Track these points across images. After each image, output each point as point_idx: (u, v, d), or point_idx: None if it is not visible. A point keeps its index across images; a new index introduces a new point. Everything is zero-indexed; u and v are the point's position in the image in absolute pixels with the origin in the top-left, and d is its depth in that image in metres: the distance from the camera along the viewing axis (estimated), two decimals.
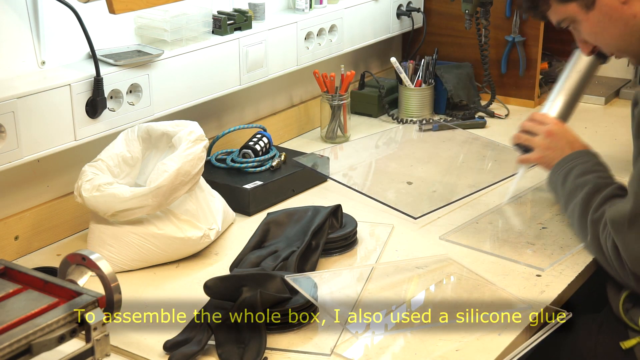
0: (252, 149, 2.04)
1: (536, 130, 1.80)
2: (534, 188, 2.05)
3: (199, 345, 1.37)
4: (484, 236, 1.82)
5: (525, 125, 1.83)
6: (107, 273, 1.27)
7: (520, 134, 1.83)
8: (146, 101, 1.88)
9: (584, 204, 1.62)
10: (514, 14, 2.64)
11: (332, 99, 2.35)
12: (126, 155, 1.77)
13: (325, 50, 2.40)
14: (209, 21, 2.05)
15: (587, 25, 1.63)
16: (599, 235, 1.57)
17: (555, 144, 1.77)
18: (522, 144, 1.83)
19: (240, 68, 2.12)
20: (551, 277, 1.64)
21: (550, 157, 1.76)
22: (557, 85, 1.88)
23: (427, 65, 2.57)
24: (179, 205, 1.70)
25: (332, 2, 2.42)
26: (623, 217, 1.50)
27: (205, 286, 1.45)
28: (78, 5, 1.70)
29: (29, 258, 1.74)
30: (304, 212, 1.78)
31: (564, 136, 1.77)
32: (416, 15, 2.75)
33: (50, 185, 1.81)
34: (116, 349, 1.40)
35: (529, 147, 1.81)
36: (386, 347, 1.42)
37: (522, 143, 1.82)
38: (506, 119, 2.58)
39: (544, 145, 1.78)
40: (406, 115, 2.57)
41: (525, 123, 1.84)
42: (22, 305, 1.22)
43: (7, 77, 1.68)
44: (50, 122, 1.69)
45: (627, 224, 1.49)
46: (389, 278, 1.64)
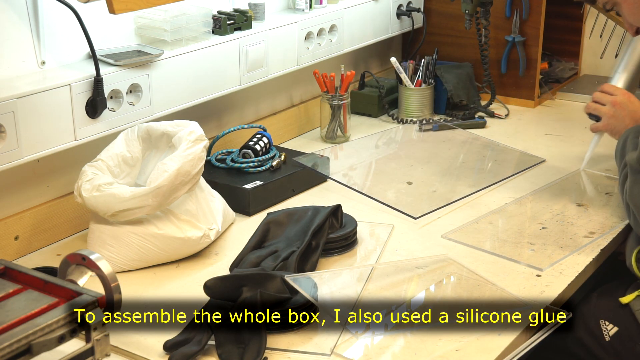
0: (252, 149, 2.04)
1: (604, 100, 1.96)
2: (534, 189, 2.05)
3: (199, 345, 1.37)
4: (484, 236, 1.82)
5: (595, 96, 1.98)
6: (107, 273, 1.27)
7: (590, 103, 1.99)
8: (146, 101, 1.88)
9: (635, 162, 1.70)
10: (514, 14, 2.64)
11: (332, 99, 2.35)
12: (126, 155, 1.77)
13: (325, 50, 2.40)
14: (209, 21, 2.05)
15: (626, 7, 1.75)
16: None
17: (619, 113, 1.92)
18: (592, 113, 1.99)
19: (240, 68, 2.12)
20: (551, 277, 1.64)
21: (614, 125, 1.93)
22: (624, 58, 2.02)
23: (427, 65, 2.57)
24: (179, 205, 1.70)
25: (332, 2, 2.42)
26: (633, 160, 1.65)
27: (205, 286, 1.45)
28: (78, 5, 1.70)
29: (29, 258, 1.74)
30: (304, 212, 1.78)
31: (628, 106, 1.91)
32: (416, 15, 2.75)
33: (50, 185, 1.81)
34: (116, 349, 1.40)
35: (598, 115, 1.97)
36: (386, 347, 1.42)
37: (592, 112, 1.99)
38: (506, 119, 2.58)
39: (609, 113, 1.94)
40: (406, 115, 2.57)
41: (596, 93, 1.99)
42: (22, 305, 1.22)
43: (7, 77, 1.68)
44: (50, 122, 1.69)
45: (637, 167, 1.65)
46: (389, 278, 1.64)
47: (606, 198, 2.00)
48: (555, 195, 2.01)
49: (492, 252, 1.74)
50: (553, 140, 2.39)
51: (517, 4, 2.63)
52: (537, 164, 2.19)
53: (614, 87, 1.97)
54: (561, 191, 2.04)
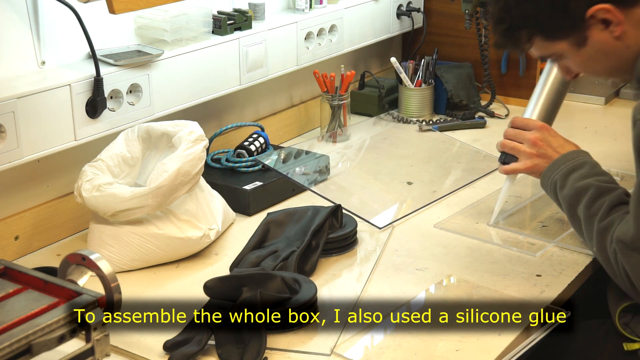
0: (247, 149, 2.04)
1: (520, 138, 1.71)
2: (533, 188, 2.05)
3: (199, 345, 1.36)
4: (484, 235, 1.82)
5: (508, 133, 1.74)
6: (107, 273, 1.27)
7: (505, 141, 1.74)
8: (146, 101, 1.88)
9: (587, 212, 1.56)
10: None
11: (332, 99, 2.35)
12: (126, 155, 1.77)
13: (325, 50, 2.40)
14: (209, 21, 2.05)
15: (577, 60, 1.54)
16: (606, 247, 1.52)
17: (544, 151, 1.68)
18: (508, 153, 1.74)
19: (240, 68, 2.12)
20: (551, 277, 1.64)
21: (539, 165, 1.68)
22: (538, 87, 1.81)
23: (427, 65, 2.57)
24: (179, 205, 1.70)
25: (332, 2, 2.42)
26: (626, 238, 1.46)
27: (205, 286, 1.45)
28: (78, 5, 1.70)
29: (29, 258, 1.74)
30: (304, 212, 1.78)
31: (552, 141, 1.69)
32: (416, 15, 2.75)
33: (50, 185, 1.81)
34: (116, 349, 1.40)
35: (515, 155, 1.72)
36: (386, 347, 1.42)
37: (509, 152, 1.73)
38: (506, 119, 2.57)
39: (530, 153, 1.69)
40: (406, 115, 2.57)
41: (508, 131, 1.74)
42: (22, 305, 1.22)
43: (7, 77, 1.68)
44: (50, 122, 1.69)
45: (632, 246, 1.46)
46: (389, 278, 1.64)
47: None
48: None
49: (492, 250, 1.74)
50: None
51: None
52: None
53: (527, 121, 1.73)
54: None
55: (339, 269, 1.69)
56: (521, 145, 1.71)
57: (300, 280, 1.52)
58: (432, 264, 1.70)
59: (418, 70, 2.58)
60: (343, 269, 1.69)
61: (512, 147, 1.73)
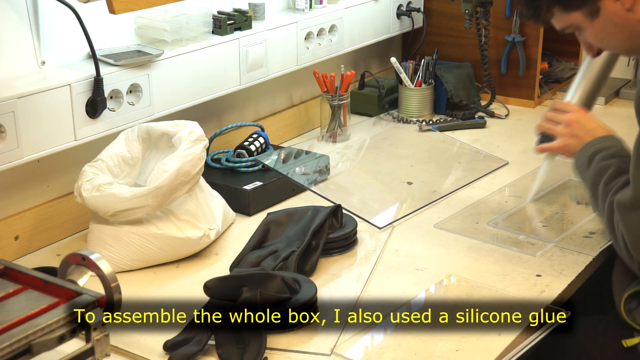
0: (247, 149, 2.04)
1: (558, 119, 1.80)
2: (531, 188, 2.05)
3: (199, 345, 1.37)
4: (484, 235, 1.82)
5: (547, 115, 1.83)
6: (107, 273, 1.27)
7: (542, 123, 1.83)
8: (146, 101, 1.88)
9: (604, 189, 1.61)
10: (514, 14, 2.64)
11: (332, 99, 2.35)
12: (126, 155, 1.77)
13: (325, 50, 2.40)
14: (209, 21, 2.05)
15: (592, 32, 1.59)
16: (613, 218, 1.57)
17: (577, 132, 1.75)
18: (545, 133, 1.82)
19: (240, 68, 2.12)
20: (551, 277, 1.64)
21: (572, 145, 1.75)
22: (579, 73, 1.88)
23: (427, 65, 2.57)
24: (179, 205, 1.70)
25: (332, 2, 2.42)
26: (626, 199, 1.52)
27: (205, 287, 1.45)
28: (78, 5, 1.70)
29: (29, 258, 1.74)
30: (304, 212, 1.78)
31: (585, 124, 1.76)
32: (416, 15, 2.75)
33: (50, 185, 1.81)
34: (116, 349, 1.40)
35: (551, 136, 1.80)
36: (386, 347, 1.42)
37: (545, 132, 1.82)
38: (506, 119, 2.58)
39: (565, 133, 1.77)
40: (406, 115, 2.57)
41: (547, 112, 1.83)
42: (22, 305, 1.22)
43: (7, 77, 1.68)
44: (50, 122, 1.69)
45: (630, 207, 1.51)
46: (389, 279, 1.64)
47: None
48: (555, 193, 2.01)
49: (491, 250, 1.74)
50: None
51: (517, 4, 2.62)
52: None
53: (566, 105, 1.82)
54: (562, 189, 2.04)
55: (339, 269, 1.69)
56: (557, 126, 1.79)
57: (300, 280, 1.52)
58: (432, 264, 1.70)
59: (418, 70, 2.58)
60: (343, 269, 1.69)
61: (548, 128, 1.81)
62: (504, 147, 2.34)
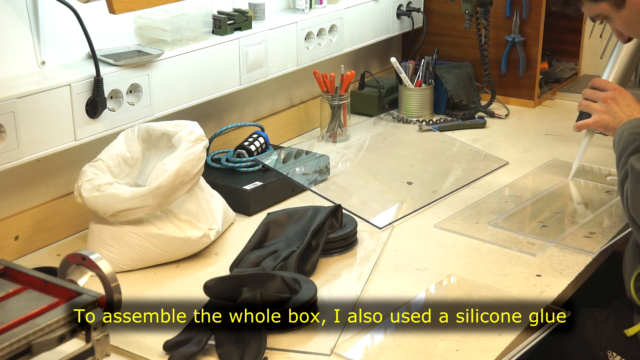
0: (247, 149, 2.04)
1: (595, 97, 1.87)
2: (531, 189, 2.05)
3: (199, 345, 1.37)
4: (484, 235, 1.82)
5: (585, 93, 1.90)
6: (107, 273, 1.27)
7: (582, 101, 1.91)
8: (146, 101, 1.88)
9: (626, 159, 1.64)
10: (514, 14, 2.64)
11: (332, 99, 2.35)
12: (126, 155, 1.77)
13: (325, 50, 2.40)
14: (209, 21, 2.05)
15: (620, 21, 1.66)
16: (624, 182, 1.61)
17: (612, 108, 1.83)
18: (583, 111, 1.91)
19: (240, 68, 2.12)
20: (551, 277, 1.64)
21: (606, 120, 1.84)
22: (614, 53, 1.96)
23: (427, 65, 2.58)
24: (179, 205, 1.70)
25: (332, 2, 2.42)
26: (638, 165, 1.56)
27: (205, 287, 1.45)
28: (78, 5, 1.70)
29: (29, 258, 1.74)
30: (304, 212, 1.78)
31: (620, 100, 1.83)
32: (416, 15, 2.75)
33: (50, 185, 1.81)
34: (116, 349, 1.40)
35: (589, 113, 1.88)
36: (386, 347, 1.42)
37: (583, 110, 1.90)
38: (506, 119, 2.58)
39: (601, 109, 1.85)
40: (406, 115, 2.57)
41: (585, 90, 1.91)
42: (22, 305, 1.22)
43: (7, 77, 1.68)
44: (50, 122, 1.69)
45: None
46: (389, 278, 1.65)
47: (607, 196, 2.00)
48: (555, 193, 2.01)
49: (491, 250, 1.74)
50: (553, 140, 2.39)
51: (517, 4, 2.63)
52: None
53: (604, 82, 1.91)
54: (562, 189, 2.04)
55: (339, 269, 1.69)
56: (594, 103, 1.88)
57: (300, 280, 1.52)
58: (432, 264, 1.70)
59: (418, 70, 2.58)
60: (343, 269, 1.69)
61: (586, 105, 1.90)
62: (504, 147, 2.34)
